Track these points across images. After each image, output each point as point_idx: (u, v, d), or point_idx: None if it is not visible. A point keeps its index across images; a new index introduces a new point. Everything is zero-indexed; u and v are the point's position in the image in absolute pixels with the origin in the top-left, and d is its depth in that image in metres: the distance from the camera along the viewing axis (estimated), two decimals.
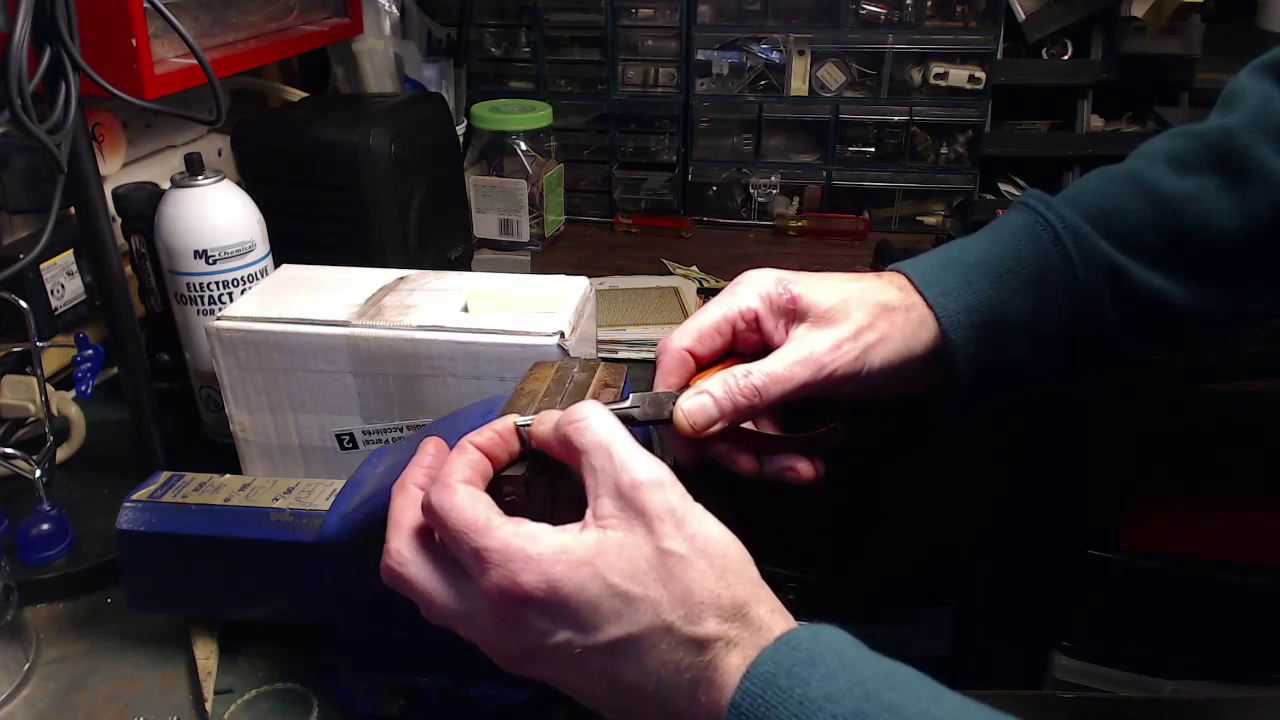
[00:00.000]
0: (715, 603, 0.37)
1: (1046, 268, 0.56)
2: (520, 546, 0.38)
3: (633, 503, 0.39)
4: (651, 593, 0.37)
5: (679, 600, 0.37)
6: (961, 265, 0.57)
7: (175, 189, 0.76)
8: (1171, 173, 0.58)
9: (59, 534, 0.68)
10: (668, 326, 1.11)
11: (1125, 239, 0.56)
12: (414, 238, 1.00)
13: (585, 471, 0.41)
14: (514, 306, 0.66)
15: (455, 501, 0.40)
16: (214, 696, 0.58)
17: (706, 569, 0.38)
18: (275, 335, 0.66)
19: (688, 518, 0.39)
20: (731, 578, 0.38)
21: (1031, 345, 0.56)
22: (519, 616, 0.39)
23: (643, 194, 1.49)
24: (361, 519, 0.53)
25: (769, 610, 0.39)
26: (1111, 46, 1.35)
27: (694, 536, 0.38)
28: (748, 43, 1.38)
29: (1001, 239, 0.58)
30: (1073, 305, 0.56)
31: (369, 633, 0.57)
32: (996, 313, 0.56)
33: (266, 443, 0.70)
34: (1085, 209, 0.58)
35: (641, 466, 0.39)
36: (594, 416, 0.41)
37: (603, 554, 0.38)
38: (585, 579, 0.38)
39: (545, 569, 0.38)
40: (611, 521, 0.39)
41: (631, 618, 0.37)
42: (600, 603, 0.38)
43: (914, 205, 1.44)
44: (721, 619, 0.37)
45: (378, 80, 1.21)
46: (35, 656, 0.62)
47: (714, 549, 0.39)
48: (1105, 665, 1.00)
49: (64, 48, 0.57)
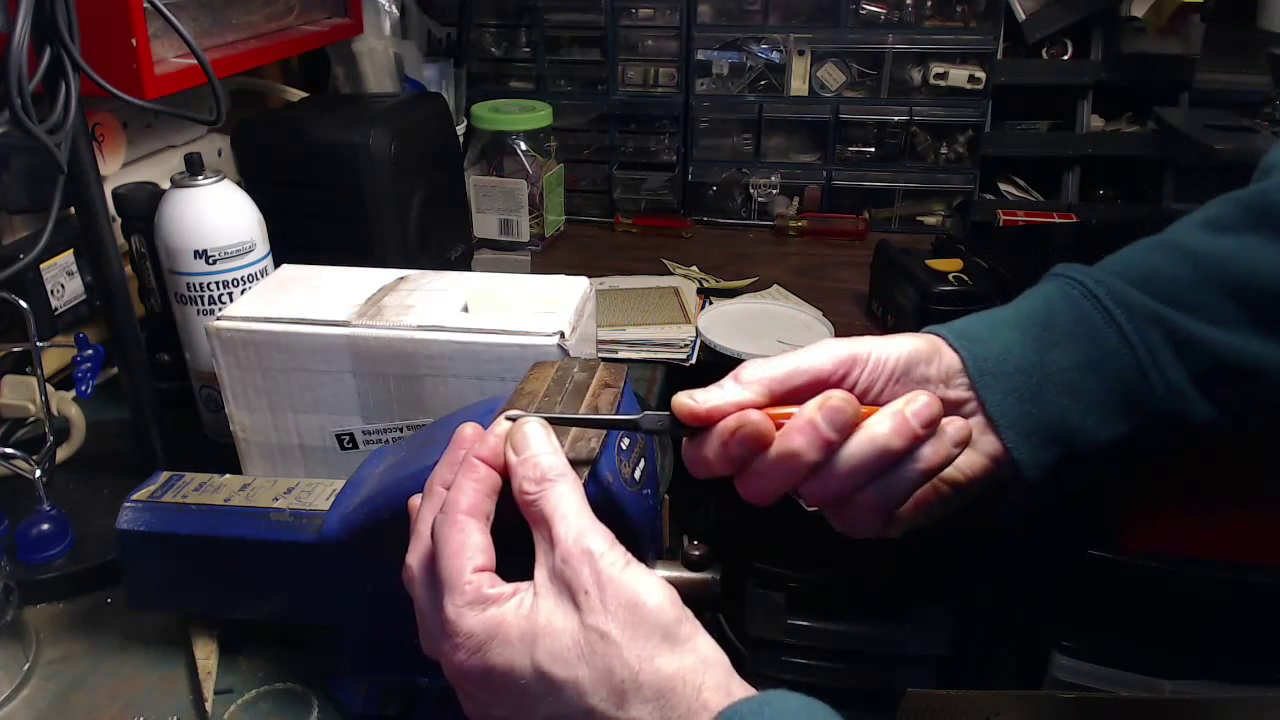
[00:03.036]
0: (636, 681, 0.37)
1: (1085, 322, 0.52)
2: (467, 625, 0.39)
3: (562, 576, 0.39)
4: (574, 674, 0.37)
5: (601, 681, 0.37)
6: (989, 319, 0.54)
7: (175, 189, 0.76)
8: (1208, 234, 0.54)
9: (59, 534, 0.68)
10: (668, 326, 1.11)
11: (1167, 296, 0.52)
12: (414, 238, 1.00)
13: (536, 539, 0.41)
14: (514, 306, 0.66)
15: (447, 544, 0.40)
16: (214, 696, 0.58)
17: (628, 642, 0.37)
18: (275, 335, 0.66)
19: (615, 590, 0.38)
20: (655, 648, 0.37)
21: (1084, 406, 0.51)
22: (465, 687, 0.40)
23: (643, 194, 1.49)
24: (361, 519, 0.53)
25: (696, 688, 0.37)
26: (1111, 46, 1.35)
27: (617, 609, 0.37)
28: (748, 43, 1.38)
29: (1029, 301, 0.55)
30: (1124, 363, 0.51)
31: (369, 633, 0.56)
32: (1032, 364, 0.51)
33: (266, 443, 0.70)
34: (1117, 272, 0.53)
35: (577, 538, 0.39)
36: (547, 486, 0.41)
37: (533, 629, 0.38)
38: (515, 660, 0.38)
39: (481, 648, 0.39)
40: (544, 590, 0.39)
41: (558, 699, 0.38)
42: (529, 686, 0.38)
43: (914, 205, 1.44)
44: (644, 700, 0.37)
45: (378, 80, 1.21)
46: (35, 656, 0.62)
47: (639, 618, 0.37)
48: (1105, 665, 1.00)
49: (64, 48, 0.58)
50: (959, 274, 1.06)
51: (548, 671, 0.37)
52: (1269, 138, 1.15)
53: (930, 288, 1.04)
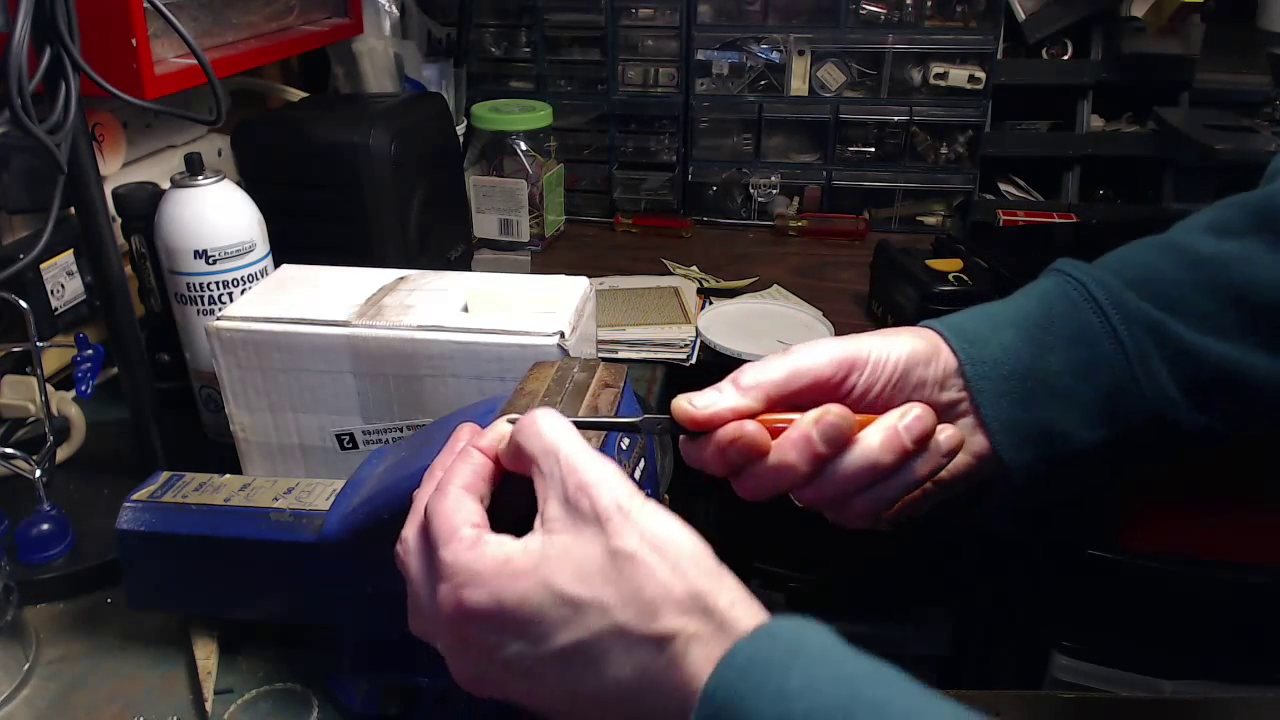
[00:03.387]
0: (670, 597, 0.36)
1: (1082, 324, 0.51)
2: (467, 561, 0.38)
3: (578, 505, 0.38)
4: (600, 595, 0.36)
5: (630, 599, 0.36)
6: (989, 317, 0.53)
7: (175, 189, 0.76)
8: (1211, 238, 0.53)
9: (59, 534, 0.68)
10: (668, 326, 1.11)
11: (1166, 300, 0.51)
12: (414, 238, 1.00)
13: (535, 478, 0.40)
14: (514, 306, 0.66)
15: (440, 507, 0.40)
16: (214, 696, 0.58)
17: (658, 563, 0.36)
18: (275, 335, 0.66)
19: (636, 514, 0.37)
20: (687, 567, 0.36)
21: (1073, 410, 0.51)
22: (468, 633, 0.38)
23: (643, 194, 1.49)
24: (361, 519, 0.53)
25: (731, 601, 0.36)
26: (1111, 46, 1.35)
27: (643, 532, 0.37)
28: (748, 43, 1.38)
29: (1029, 299, 0.54)
30: (1116, 368, 0.51)
31: (369, 633, 0.56)
32: (1027, 368, 0.51)
33: (266, 443, 0.70)
34: (1118, 271, 0.53)
35: (588, 467, 0.38)
36: (542, 422, 0.40)
37: (546, 561, 0.37)
38: (528, 589, 0.37)
39: (488, 581, 0.37)
40: (557, 525, 0.38)
41: (580, 624, 0.36)
42: (545, 611, 0.37)
43: (914, 205, 1.44)
44: (679, 612, 0.36)
45: (378, 80, 1.21)
46: (35, 656, 0.62)
47: (665, 543, 0.37)
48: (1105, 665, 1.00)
49: (64, 48, 0.57)
50: (959, 274, 1.06)
51: (568, 593, 0.36)
52: (1269, 138, 1.15)
53: (930, 288, 1.04)
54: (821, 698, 0.33)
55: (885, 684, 0.34)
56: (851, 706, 0.32)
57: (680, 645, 0.35)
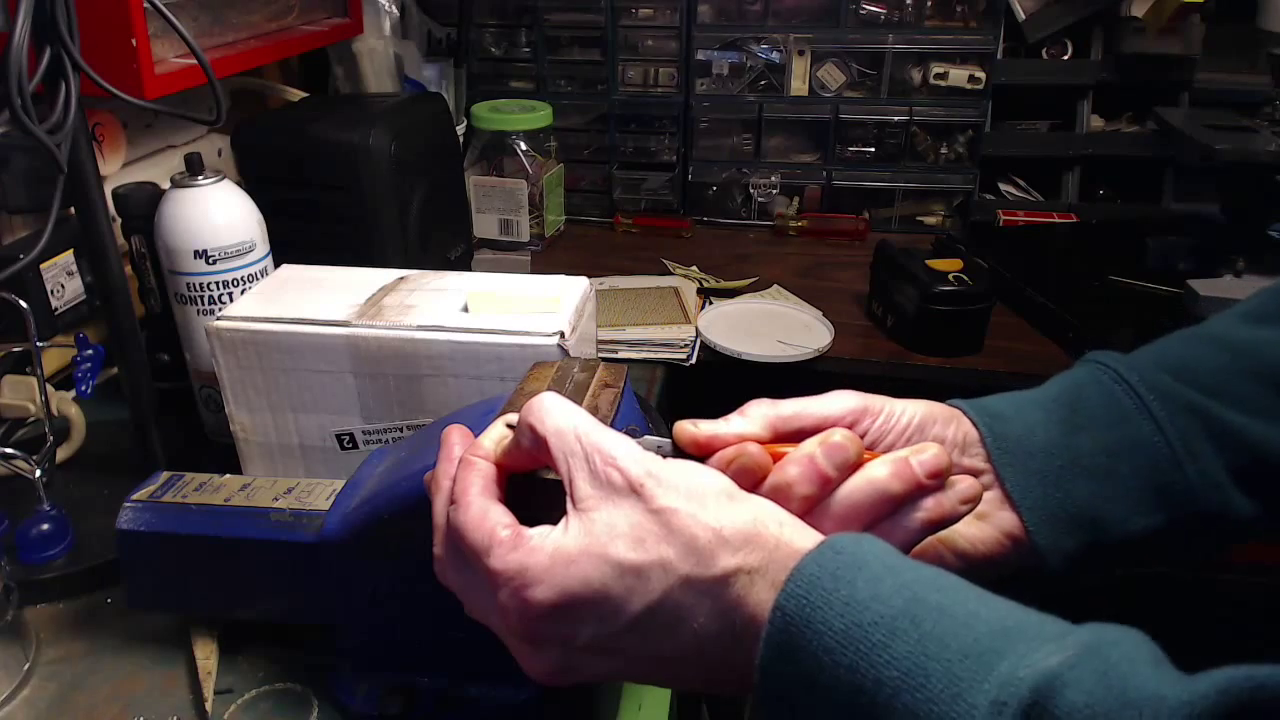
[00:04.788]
0: (720, 537, 0.37)
1: (1114, 406, 0.49)
2: (519, 562, 0.38)
3: (609, 479, 0.38)
4: (658, 554, 0.37)
5: (687, 550, 0.37)
6: (1012, 398, 0.51)
7: (175, 189, 0.76)
8: (1248, 325, 0.51)
9: (59, 534, 0.68)
10: (668, 326, 1.11)
11: (1206, 385, 0.49)
12: (414, 238, 1.00)
13: (556, 461, 0.40)
14: (514, 306, 0.66)
15: (467, 520, 0.40)
16: (214, 696, 0.58)
17: (699, 510, 0.37)
18: (275, 335, 0.66)
19: (667, 473, 0.38)
20: (726, 506, 0.38)
21: (1111, 494, 0.48)
22: (540, 630, 0.39)
23: (643, 194, 1.49)
24: (361, 519, 0.53)
25: (779, 524, 0.38)
26: (1111, 46, 1.36)
27: (677, 486, 0.38)
28: (748, 43, 1.38)
29: (1056, 384, 0.52)
30: (1155, 450, 0.48)
31: (369, 633, 0.57)
32: (1057, 446, 0.49)
33: (266, 443, 0.70)
34: (1153, 360, 0.51)
35: (609, 443, 0.39)
36: (551, 405, 0.41)
37: (595, 539, 0.38)
38: (587, 570, 0.37)
39: (546, 575, 0.37)
40: (592, 502, 0.38)
41: (646, 587, 0.37)
42: (610, 586, 0.37)
43: (914, 205, 1.44)
44: (734, 549, 0.37)
45: (378, 80, 1.21)
46: (35, 656, 0.62)
47: (701, 489, 0.38)
48: None
49: (64, 48, 0.57)
50: (959, 274, 1.06)
51: (629, 561, 0.37)
52: (1269, 138, 1.15)
53: (930, 288, 1.04)
54: (888, 605, 0.33)
55: (947, 589, 0.34)
56: (916, 611, 0.33)
57: (744, 579, 0.36)
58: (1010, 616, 0.33)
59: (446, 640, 0.55)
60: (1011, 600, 0.34)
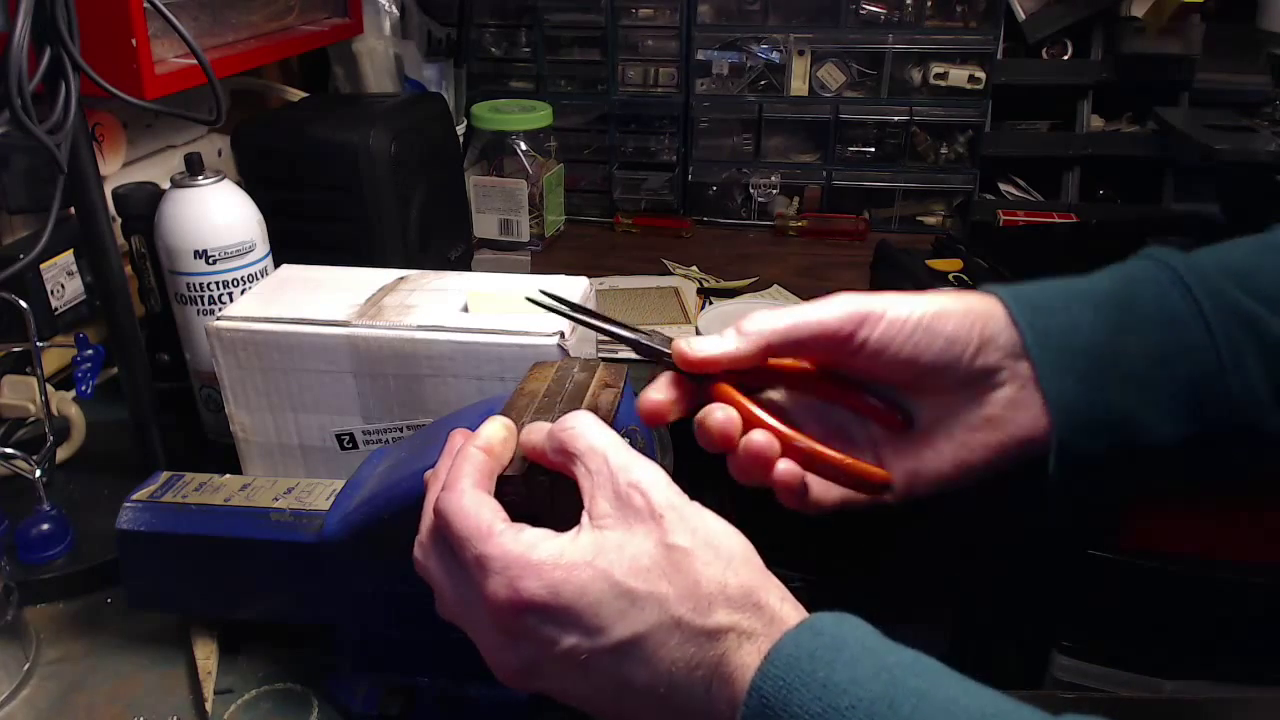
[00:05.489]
0: (724, 593, 0.37)
1: (1168, 308, 0.47)
2: (520, 553, 0.38)
3: (630, 501, 0.38)
4: (657, 588, 0.37)
5: (686, 594, 0.37)
6: (1062, 289, 0.49)
7: (175, 189, 0.76)
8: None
9: (59, 534, 0.68)
10: (668, 326, 1.11)
11: (1266, 294, 0.47)
12: (414, 238, 1.00)
13: (580, 475, 0.40)
14: (514, 306, 0.66)
15: (461, 506, 0.40)
16: (214, 696, 0.58)
17: (712, 559, 0.37)
18: (275, 335, 0.66)
19: (689, 512, 0.39)
20: (739, 566, 0.38)
21: (1149, 399, 0.46)
22: (522, 625, 0.38)
23: (643, 194, 1.49)
24: (361, 519, 0.53)
25: (779, 599, 0.38)
26: (1111, 46, 1.35)
27: (696, 530, 0.38)
28: (748, 43, 1.38)
29: (1110, 277, 0.49)
30: (1202, 359, 0.46)
31: (369, 633, 0.57)
32: (1101, 347, 0.47)
33: (266, 443, 0.70)
34: (1214, 262, 0.49)
35: (638, 467, 0.40)
36: (587, 423, 0.41)
37: (603, 553, 0.38)
38: (586, 580, 0.37)
39: (545, 573, 0.37)
40: (608, 521, 0.39)
41: (638, 616, 0.37)
42: (604, 603, 0.37)
43: (914, 205, 1.44)
44: (732, 609, 0.37)
45: (378, 80, 1.21)
46: (35, 656, 0.62)
47: (718, 541, 0.38)
48: (1105, 665, 1.00)
49: (64, 48, 0.57)
50: (959, 274, 1.06)
51: (626, 586, 0.37)
52: (1269, 138, 1.15)
53: (930, 288, 1.04)
54: (865, 689, 0.34)
55: (926, 674, 0.35)
56: (894, 696, 0.33)
57: (733, 639, 0.36)
58: (991, 705, 0.34)
59: (446, 640, 0.55)
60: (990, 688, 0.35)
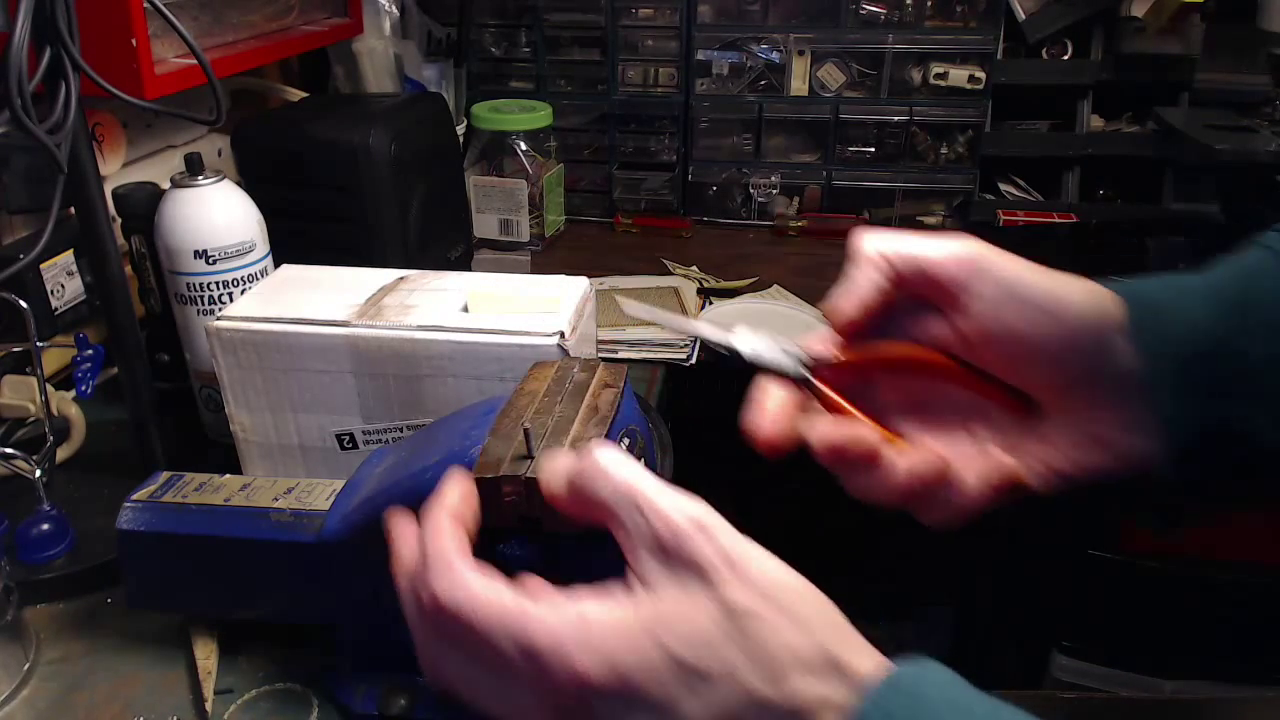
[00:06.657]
0: (798, 657, 0.33)
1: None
2: (572, 632, 0.34)
3: (679, 556, 0.34)
4: (727, 659, 0.33)
5: (757, 661, 0.33)
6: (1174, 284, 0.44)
7: (175, 189, 0.76)
8: None
9: (59, 534, 0.68)
10: None
11: None
12: (414, 238, 1.00)
13: (613, 527, 0.36)
14: (514, 306, 0.66)
15: (471, 595, 0.36)
16: (214, 696, 0.58)
17: (779, 619, 0.33)
18: (275, 335, 0.66)
19: (745, 561, 0.34)
20: (814, 623, 0.33)
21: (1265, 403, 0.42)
22: (587, 710, 0.34)
23: (643, 194, 1.49)
24: (361, 519, 0.53)
25: (855, 650, 0.33)
26: (1111, 46, 1.35)
27: (757, 583, 0.34)
28: (748, 43, 1.38)
29: (1226, 271, 0.44)
30: None
31: (369, 633, 0.56)
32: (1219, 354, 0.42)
33: (266, 443, 0.70)
34: None
35: (678, 511, 0.35)
36: (608, 461, 0.37)
37: (661, 620, 0.33)
38: (647, 650, 0.33)
39: (604, 650, 0.33)
40: (656, 580, 0.34)
41: (709, 697, 0.33)
42: (669, 679, 0.33)
43: (914, 205, 1.44)
44: (808, 672, 0.33)
45: (378, 80, 1.21)
46: (35, 656, 0.62)
47: (784, 594, 0.34)
48: (1105, 665, 1.00)
49: (64, 48, 0.57)
50: None
51: (692, 663, 0.33)
52: (1269, 138, 1.15)
53: None
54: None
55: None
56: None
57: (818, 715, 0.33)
58: None
59: None
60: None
